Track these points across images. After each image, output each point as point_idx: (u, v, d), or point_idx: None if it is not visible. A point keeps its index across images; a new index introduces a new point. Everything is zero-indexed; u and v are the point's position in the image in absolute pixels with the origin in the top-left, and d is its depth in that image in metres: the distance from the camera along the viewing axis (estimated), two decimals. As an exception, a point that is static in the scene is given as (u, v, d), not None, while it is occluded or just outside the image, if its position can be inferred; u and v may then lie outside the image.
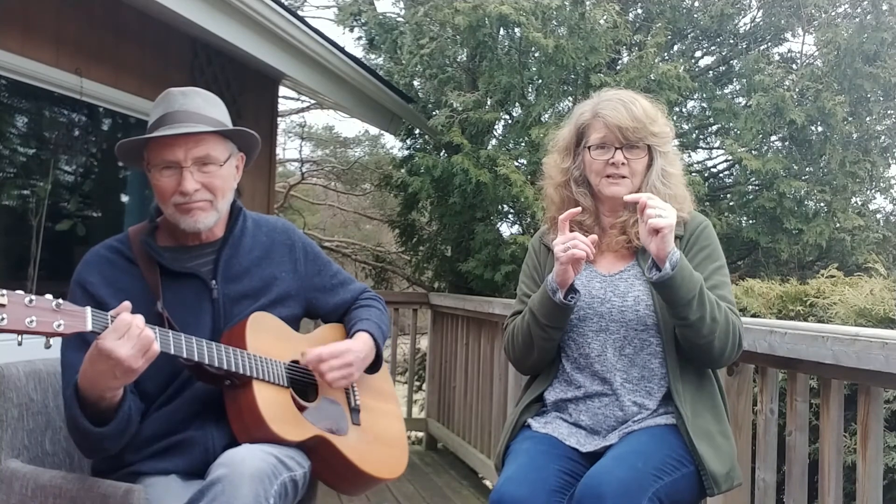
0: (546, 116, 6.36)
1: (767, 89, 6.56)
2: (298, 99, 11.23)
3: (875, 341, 1.82)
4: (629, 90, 2.06)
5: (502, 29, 6.55)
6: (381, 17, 8.03)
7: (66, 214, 3.64)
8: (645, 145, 1.96)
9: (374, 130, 13.00)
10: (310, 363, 1.82)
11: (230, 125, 1.86)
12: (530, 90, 6.62)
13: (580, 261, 1.82)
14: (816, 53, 7.27)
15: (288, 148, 21.95)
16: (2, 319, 1.36)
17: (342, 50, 4.93)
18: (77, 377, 1.59)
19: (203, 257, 1.85)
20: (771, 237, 6.95)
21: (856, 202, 7.60)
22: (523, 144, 6.45)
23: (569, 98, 6.65)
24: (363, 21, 8.15)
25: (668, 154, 2.00)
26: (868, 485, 1.92)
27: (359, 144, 13.99)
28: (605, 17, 6.25)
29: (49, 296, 1.44)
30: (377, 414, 2.02)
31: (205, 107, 1.82)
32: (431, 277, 8.07)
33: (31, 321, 1.40)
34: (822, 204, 7.08)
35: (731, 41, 7.82)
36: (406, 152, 7.86)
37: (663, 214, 1.75)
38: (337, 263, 2.13)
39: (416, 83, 7.43)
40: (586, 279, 1.96)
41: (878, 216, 8.23)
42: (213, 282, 1.82)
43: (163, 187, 1.77)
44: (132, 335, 1.50)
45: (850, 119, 6.95)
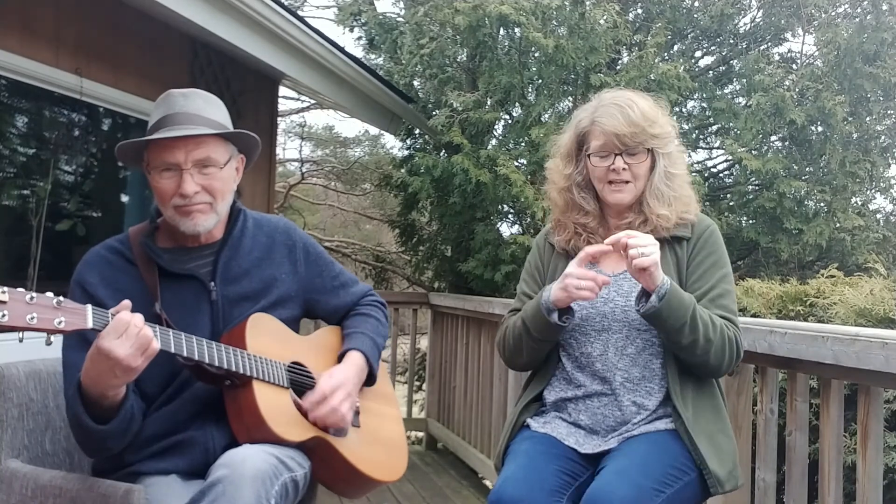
0: (546, 116, 6.36)
1: (767, 89, 6.56)
2: (298, 99, 11.24)
3: (875, 341, 1.82)
4: (629, 91, 2.03)
5: (502, 29, 6.55)
6: (381, 17, 8.03)
7: (66, 214, 3.63)
8: (645, 149, 1.94)
9: (374, 130, 13.01)
10: (318, 421, 1.79)
11: (231, 127, 1.85)
12: (530, 90, 6.62)
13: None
14: (816, 53, 7.28)
15: (288, 148, 22.00)
16: (3, 316, 1.36)
17: (342, 50, 4.93)
18: (80, 376, 1.59)
19: (202, 259, 1.85)
20: (771, 237, 6.96)
21: (856, 202, 7.60)
22: (523, 144, 6.45)
23: (569, 98, 6.65)
24: (363, 21, 8.15)
25: (671, 154, 1.97)
26: (868, 485, 1.92)
27: (359, 144, 14.00)
28: (605, 17, 6.25)
29: (50, 293, 1.44)
30: (377, 416, 2.01)
31: (205, 108, 1.81)
32: (431, 277, 8.07)
33: (32, 318, 1.40)
34: (822, 204, 7.08)
35: (731, 41, 7.82)
36: (406, 152, 7.86)
37: (646, 252, 1.73)
38: (340, 264, 2.13)
39: (416, 83, 7.43)
40: None
41: (878, 216, 8.24)
42: (212, 283, 1.82)
43: (162, 189, 1.76)
44: (130, 334, 1.50)
45: (850, 119, 6.95)
